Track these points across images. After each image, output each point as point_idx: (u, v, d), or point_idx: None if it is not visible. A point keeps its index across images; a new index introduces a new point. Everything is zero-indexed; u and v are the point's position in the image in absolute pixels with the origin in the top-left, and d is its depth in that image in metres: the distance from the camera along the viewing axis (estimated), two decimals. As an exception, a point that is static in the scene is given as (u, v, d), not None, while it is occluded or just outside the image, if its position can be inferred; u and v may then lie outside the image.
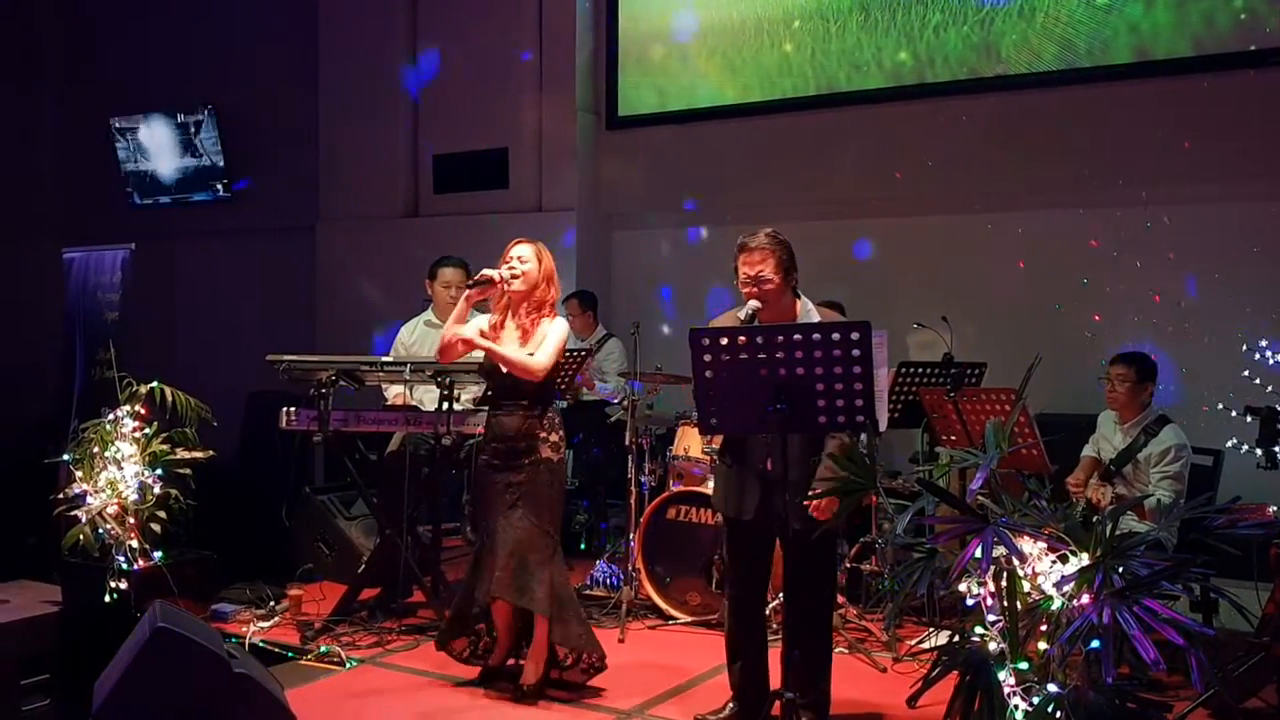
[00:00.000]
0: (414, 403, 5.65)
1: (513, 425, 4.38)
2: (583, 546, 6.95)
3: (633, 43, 8.13)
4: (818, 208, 7.28)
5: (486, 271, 4.42)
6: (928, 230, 7.11)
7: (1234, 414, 4.68)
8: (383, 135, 8.75)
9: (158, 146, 10.16)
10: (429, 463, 5.52)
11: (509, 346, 4.36)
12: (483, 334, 4.41)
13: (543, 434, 4.39)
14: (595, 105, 8.25)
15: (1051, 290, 6.68)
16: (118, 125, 10.27)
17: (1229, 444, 4.88)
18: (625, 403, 5.80)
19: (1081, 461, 5.34)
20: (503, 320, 4.47)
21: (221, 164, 9.82)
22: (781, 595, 4.92)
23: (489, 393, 4.58)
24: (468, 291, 4.44)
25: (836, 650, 4.82)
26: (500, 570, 4.32)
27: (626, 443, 5.68)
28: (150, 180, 10.28)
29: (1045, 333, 6.37)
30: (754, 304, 3.87)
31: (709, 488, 5.53)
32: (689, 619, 5.44)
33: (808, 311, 4.02)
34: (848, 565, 5.56)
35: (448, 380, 4.99)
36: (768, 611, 4.60)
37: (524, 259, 4.43)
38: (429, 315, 5.94)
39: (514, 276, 4.41)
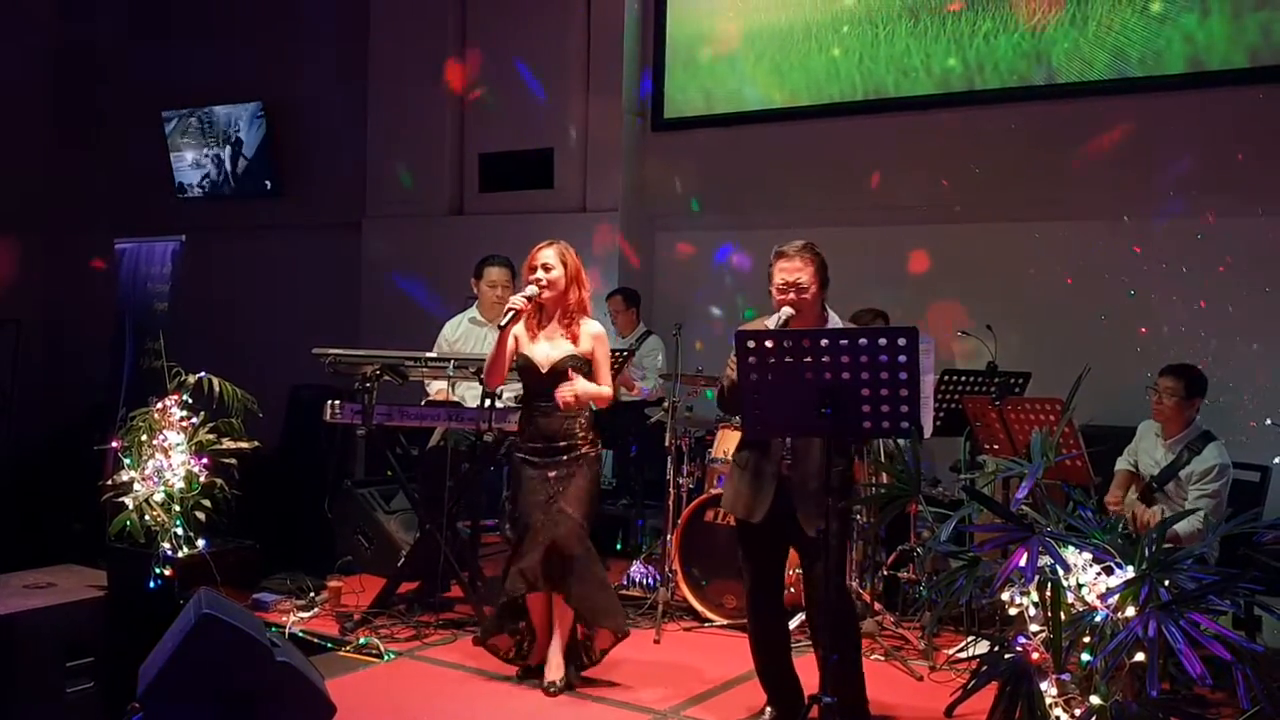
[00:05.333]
0: (456, 399, 5.69)
1: (552, 426, 4.46)
2: (619, 546, 6.96)
3: (680, 45, 8.13)
4: (863, 214, 7.25)
5: (513, 302, 4.43)
6: (973, 238, 7.06)
7: (1282, 430, 4.62)
8: (430, 133, 8.82)
9: (208, 140, 10.28)
10: (469, 458, 5.55)
11: (580, 382, 4.41)
12: (570, 370, 4.42)
13: (581, 433, 4.49)
14: (641, 107, 8.27)
15: (1097, 300, 6.61)
16: (169, 118, 10.40)
17: (1277, 460, 4.83)
18: (666, 404, 5.80)
19: (1116, 476, 5.26)
20: (538, 321, 4.52)
21: (270, 159, 9.92)
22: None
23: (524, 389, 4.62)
24: (504, 324, 4.44)
25: (873, 657, 4.84)
26: (538, 563, 4.39)
27: (666, 444, 5.70)
28: (200, 174, 10.40)
29: (1090, 343, 6.31)
30: (788, 310, 3.86)
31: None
32: (725, 621, 5.43)
33: (836, 326, 4.01)
34: (885, 573, 5.54)
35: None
36: (794, 625, 4.59)
37: (550, 266, 4.47)
38: (473, 312, 5.97)
39: (544, 287, 4.45)
